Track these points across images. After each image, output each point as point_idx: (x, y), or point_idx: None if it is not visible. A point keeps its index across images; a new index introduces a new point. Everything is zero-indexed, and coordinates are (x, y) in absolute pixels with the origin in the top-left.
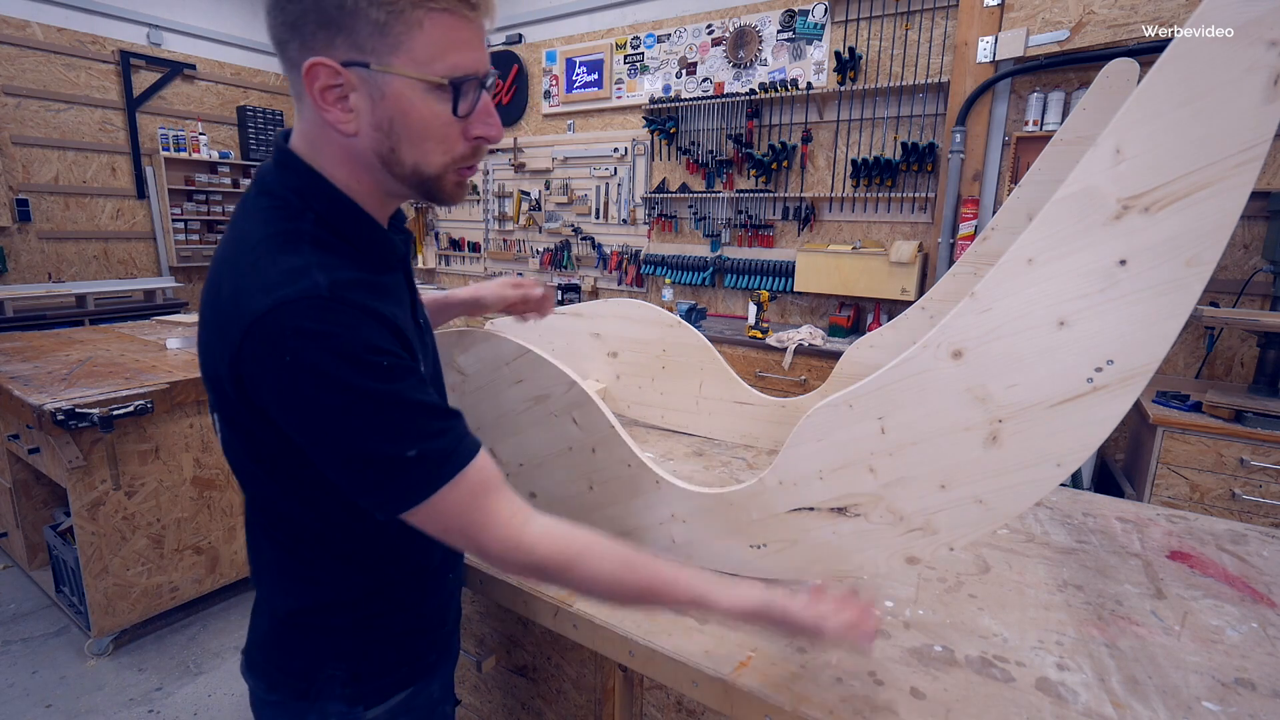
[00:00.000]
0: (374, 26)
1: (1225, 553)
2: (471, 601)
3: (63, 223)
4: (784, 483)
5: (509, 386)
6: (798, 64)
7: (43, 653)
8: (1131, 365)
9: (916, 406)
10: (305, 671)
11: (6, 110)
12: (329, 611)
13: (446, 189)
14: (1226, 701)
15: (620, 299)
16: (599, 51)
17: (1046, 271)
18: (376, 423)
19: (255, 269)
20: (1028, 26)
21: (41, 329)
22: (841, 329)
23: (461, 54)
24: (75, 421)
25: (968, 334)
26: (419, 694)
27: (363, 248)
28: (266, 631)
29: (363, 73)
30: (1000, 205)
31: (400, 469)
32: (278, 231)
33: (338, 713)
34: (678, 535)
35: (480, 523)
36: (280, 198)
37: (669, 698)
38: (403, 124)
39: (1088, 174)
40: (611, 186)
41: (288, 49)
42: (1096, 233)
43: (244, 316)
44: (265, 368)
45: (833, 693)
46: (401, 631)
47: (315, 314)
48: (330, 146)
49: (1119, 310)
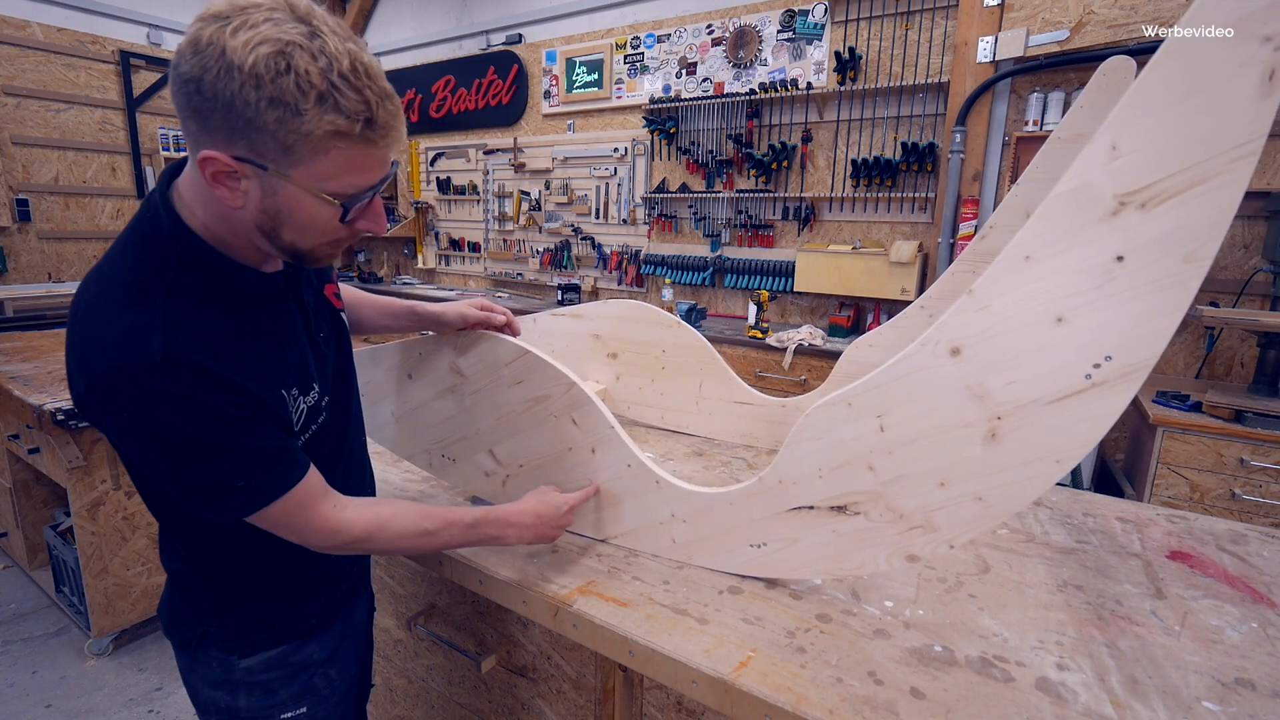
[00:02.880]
0: (279, 144)
1: (1225, 553)
2: (471, 601)
3: (63, 223)
4: (784, 482)
5: (508, 388)
6: (798, 64)
7: (43, 653)
8: (1130, 361)
9: (915, 404)
10: (191, 622)
11: (6, 110)
12: (207, 577)
13: (318, 258)
14: (1226, 701)
15: (620, 300)
16: (599, 51)
17: (1044, 268)
18: (206, 465)
19: (105, 322)
20: (1028, 26)
21: (41, 329)
22: (841, 329)
23: (359, 176)
24: (75, 421)
25: (966, 331)
26: (293, 652)
27: (227, 293)
28: (166, 592)
29: (258, 170)
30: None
31: (230, 494)
32: (136, 280)
33: (216, 658)
34: (678, 535)
35: (303, 524)
36: (148, 238)
37: (669, 698)
38: (289, 218)
39: (1084, 170)
40: (611, 186)
41: (187, 122)
42: (1093, 229)
43: (86, 371)
44: (108, 416)
45: (833, 693)
46: (272, 596)
47: (147, 379)
48: (213, 206)
49: (1117, 306)
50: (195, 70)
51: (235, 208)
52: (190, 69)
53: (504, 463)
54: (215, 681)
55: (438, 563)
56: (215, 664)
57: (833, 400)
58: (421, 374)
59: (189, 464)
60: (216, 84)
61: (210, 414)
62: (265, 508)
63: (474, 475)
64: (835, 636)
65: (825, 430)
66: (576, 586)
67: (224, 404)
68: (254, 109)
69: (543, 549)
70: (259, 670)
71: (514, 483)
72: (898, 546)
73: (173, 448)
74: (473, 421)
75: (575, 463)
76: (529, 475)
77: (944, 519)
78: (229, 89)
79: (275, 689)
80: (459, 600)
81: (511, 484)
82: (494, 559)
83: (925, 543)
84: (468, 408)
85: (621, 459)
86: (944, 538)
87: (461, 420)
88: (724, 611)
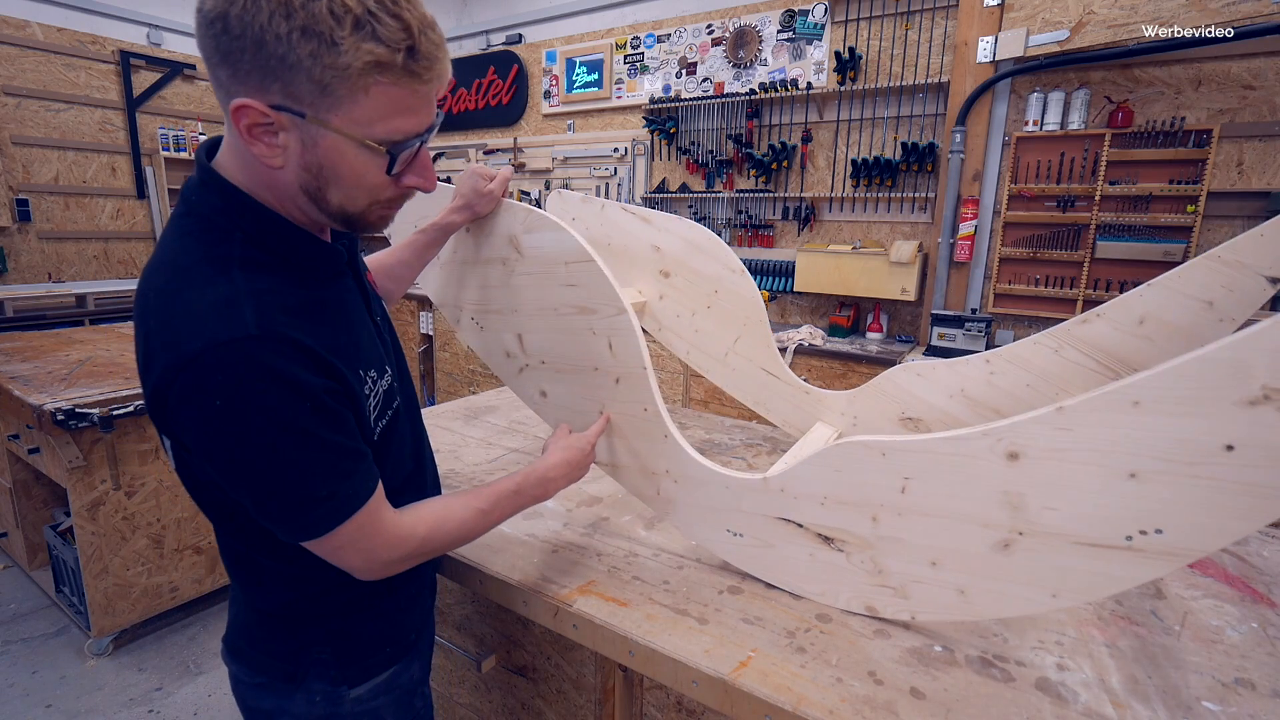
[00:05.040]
0: (315, 84)
1: (1225, 553)
2: (471, 601)
3: (63, 223)
4: (785, 491)
5: (560, 286)
6: (798, 64)
7: (43, 653)
8: (1179, 544)
9: (948, 483)
10: (292, 655)
11: (6, 110)
12: (311, 602)
13: (371, 221)
14: (1226, 701)
15: (694, 223)
16: (599, 51)
17: (1148, 421)
18: (295, 462)
19: (185, 302)
20: (1028, 26)
21: (41, 329)
22: (842, 329)
23: (404, 119)
24: (75, 421)
25: (1035, 443)
26: (401, 674)
27: (297, 263)
28: (249, 622)
29: (295, 119)
30: (1000, 205)
31: (311, 505)
32: (205, 257)
33: (323, 691)
34: (665, 490)
35: (373, 538)
36: (205, 218)
37: (669, 698)
38: (332, 172)
39: (1246, 347)
40: (611, 186)
41: (216, 71)
42: (1222, 408)
43: (174, 355)
44: (193, 405)
45: (833, 693)
46: (382, 614)
47: (246, 359)
48: (254, 169)
49: (1199, 490)
50: (220, 5)
51: (275, 167)
52: (215, 5)
53: (528, 352)
54: (317, 718)
55: (438, 562)
56: (319, 698)
57: (870, 444)
58: (480, 233)
59: (277, 462)
60: (244, 16)
61: (308, 399)
62: (344, 523)
63: (495, 351)
64: (835, 636)
65: (850, 466)
66: (576, 586)
67: (320, 388)
68: (285, 42)
69: (543, 548)
70: (368, 698)
71: (530, 374)
72: (864, 594)
73: (263, 443)
74: (512, 300)
75: (596, 383)
76: (547, 375)
77: (919, 594)
78: (257, 21)
79: (383, 715)
80: (459, 600)
81: (528, 375)
82: (494, 559)
83: (891, 604)
84: (514, 286)
85: (641, 400)
86: (911, 608)
87: (502, 295)
88: (724, 611)
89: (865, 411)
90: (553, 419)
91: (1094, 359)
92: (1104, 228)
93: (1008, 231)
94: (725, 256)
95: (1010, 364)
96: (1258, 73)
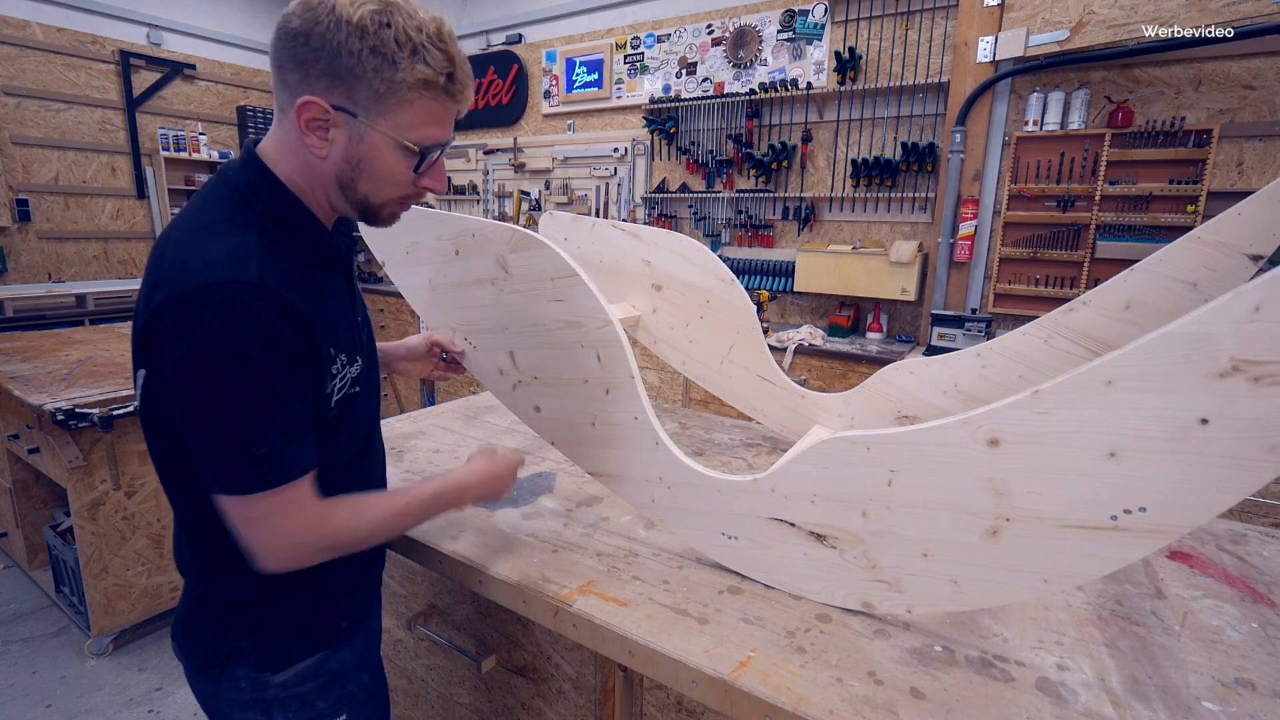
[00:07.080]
0: (372, 93)
1: (1225, 553)
2: (471, 601)
3: (63, 223)
4: (775, 491)
5: (547, 302)
6: (798, 64)
7: (43, 653)
8: (1163, 521)
9: (932, 474)
10: (215, 643)
11: (6, 110)
12: (233, 588)
13: (383, 216)
14: (1226, 701)
15: (682, 235)
16: (599, 51)
17: (1122, 400)
18: (254, 408)
19: (201, 245)
20: (1028, 26)
21: (41, 329)
22: (841, 329)
23: (435, 129)
24: (75, 421)
25: (1014, 428)
26: (328, 660)
27: (303, 243)
28: (184, 610)
29: (349, 119)
30: (1000, 204)
31: (251, 458)
32: (229, 216)
33: (246, 677)
34: (658, 497)
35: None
36: (235, 189)
37: (669, 698)
38: (369, 166)
39: (1213, 319)
40: (611, 186)
41: (286, 75)
42: (1193, 382)
43: (178, 284)
44: (181, 333)
45: (833, 693)
46: (304, 603)
47: (240, 300)
48: (297, 158)
49: (1178, 466)
50: (306, 24)
51: (319, 157)
52: (301, 23)
53: (520, 369)
54: (245, 703)
55: (438, 563)
56: (244, 684)
57: (853, 439)
58: (469, 255)
59: (237, 404)
60: (325, 34)
61: (282, 354)
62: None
63: (489, 369)
64: (835, 636)
65: (836, 462)
66: (576, 586)
67: (296, 350)
68: (356, 57)
69: (543, 548)
70: (294, 683)
71: (523, 390)
72: (859, 591)
73: (231, 382)
74: (503, 319)
75: (586, 396)
76: (539, 390)
77: (914, 586)
78: (336, 39)
79: (312, 700)
80: (459, 600)
81: (521, 391)
82: (494, 559)
83: (886, 599)
84: (503, 305)
85: (630, 410)
86: (906, 602)
87: (493, 314)
88: (724, 611)
89: (861, 412)
90: (548, 435)
91: (1083, 346)
92: (1104, 228)
93: (1008, 231)
94: (715, 267)
95: (1001, 356)
96: (1258, 73)
